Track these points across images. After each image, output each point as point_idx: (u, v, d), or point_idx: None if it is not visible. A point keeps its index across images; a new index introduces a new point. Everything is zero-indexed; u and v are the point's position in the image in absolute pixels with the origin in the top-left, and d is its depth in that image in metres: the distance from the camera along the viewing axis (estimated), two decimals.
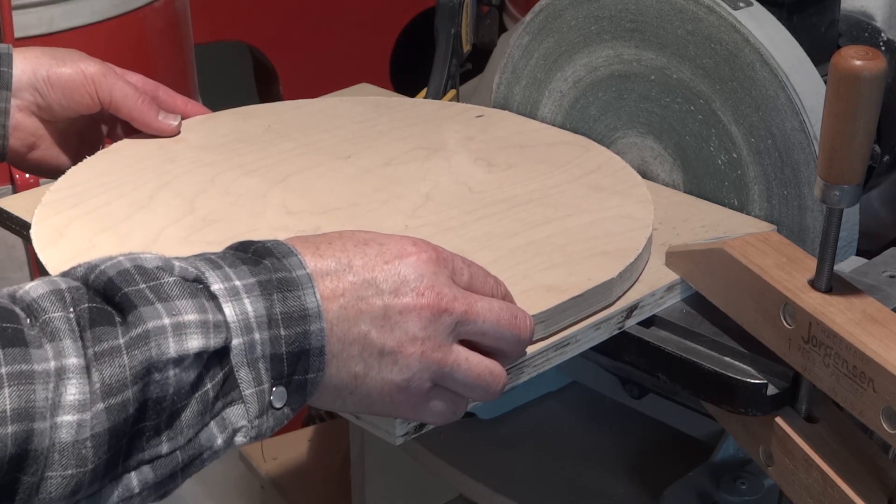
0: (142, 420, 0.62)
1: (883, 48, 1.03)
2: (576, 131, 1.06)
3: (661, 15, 0.97)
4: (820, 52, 0.95)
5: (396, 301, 0.70)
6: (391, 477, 1.25)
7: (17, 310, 0.62)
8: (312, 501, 1.63)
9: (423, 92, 1.26)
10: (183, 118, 1.05)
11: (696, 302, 0.88)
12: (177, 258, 0.67)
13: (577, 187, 0.96)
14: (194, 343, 0.63)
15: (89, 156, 1.00)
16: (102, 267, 0.65)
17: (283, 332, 0.67)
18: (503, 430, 1.08)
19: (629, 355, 0.87)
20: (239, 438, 0.67)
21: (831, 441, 0.79)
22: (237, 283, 0.67)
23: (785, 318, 0.78)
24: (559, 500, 1.01)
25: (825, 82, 0.77)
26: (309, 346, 0.67)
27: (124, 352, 0.62)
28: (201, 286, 0.66)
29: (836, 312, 0.75)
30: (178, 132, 1.04)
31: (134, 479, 0.63)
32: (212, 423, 0.66)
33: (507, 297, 0.76)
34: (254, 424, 0.67)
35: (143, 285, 0.64)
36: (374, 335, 0.69)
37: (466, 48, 1.27)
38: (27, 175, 1.51)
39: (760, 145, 0.94)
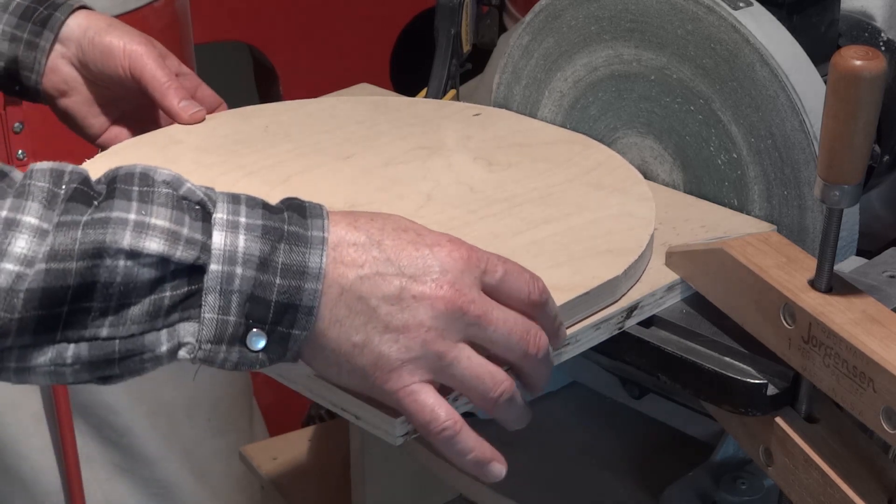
0: (88, 299, 0.67)
1: (883, 48, 1.03)
2: (576, 131, 1.06)
3: (660, 15, 0.97)
4: (820, 52, 0.95)
5: (414, 286, 0.71)
6: (391, 477, 1.25)
7: (14, 173, 0.69)
8: (312, 501, 1.63)
9: (424, 92, 1.26)
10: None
11: (696, 302, 0.88)
12: (201, 187, 0.72)
13: (578, 185, 0.96)
14: (153, 245, 0.68)
15: (132, 132, 1.04)
16: (121, 167, 0.72)
17: (277, 281, 0.70)
18: (503, 430, 1.07)
19: (629, 355, 0.87)
20: (182, 353, 0.71)
21: (831, 441, 0.79)
22: (242, 219, 0.71)
23: (785, 318, 0.78)
24: (559, 500, 1.01)
25: (825, 82, 0.77)
26: (299, 301, 0.70)
27: (80, 228, 0.67)
28: (198, 207, 0.70)
29: (836, 312, 0.75)
30: (200, 119, 1.05)
31: (69, 350, 0.68)
32: (164, 330, 0.70)
33: (543, 292, 0.76)
34: (203, 346, 0.70)
35: (136, 188, 0.70)
36: (383, 311, 0.71)
37: (466, 48, 1.27)
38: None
39: (760, 145, 0.94)
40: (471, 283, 0.72)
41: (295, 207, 0.73)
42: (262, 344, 0.71)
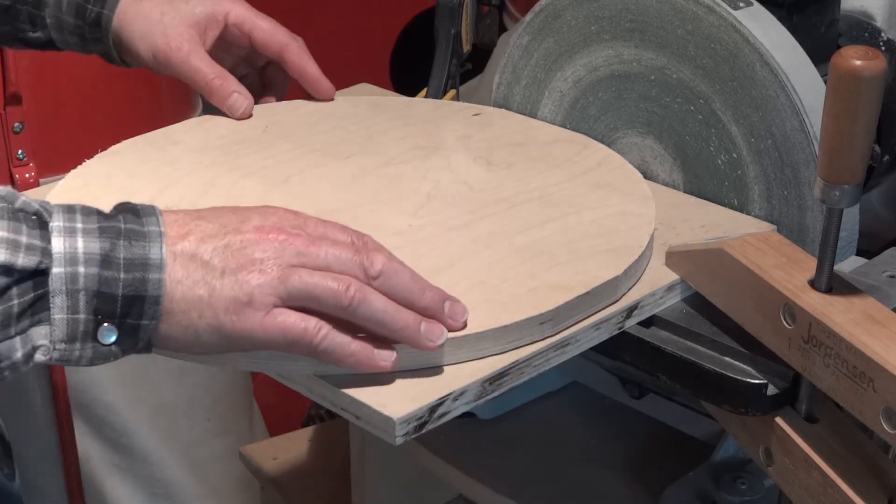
0: None
1: (883, 48, 1.03)
2: (576, 131, 1.06)
3: (661, 15, 0.97)
4: (820, 52, 0.95)
5: (238, 235, 0.76)
6: (391, 477, 1.25)
7: None
8: (312, 501, 1.63)
9: (424, 92, 1.26)
10: (306, 89, 1.09)
11: (696, 302, 0.88)
12: (36, 199, 0.75)
13: (578, 185, 0.96)
14: None
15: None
16: None
17: (121, 276, 0.73)
18: (503, 430, 1.08)
19: (629, 355, 0.87)
20: (39, 356, 0.73)
21: (831, 441, 0.79)
22: (79, 225, 0.74)
23: (785, 318, 0.78)
24: (559, 500, 1.01)
25: (825, 82, 0.77)
26: (145, 292, 0.73)
27: None
28: (34, 218, 0.73)
29: (836, 312, 0.75)
30: (246, 116, 1.06)
31: None
32: (17, 337, 0.72)
33: (361, 236, 0.79)
34: (57, 347, 0.73)
35: None
36: (217, 261, 0.75)
37: (466, 48, 1.26)
38: (27, 175, 1.51)
39: (760, 145, 0.94)
40: (292, 224, 0.77)
41: (128, 209, 0.76)
42: (113, 338, 0.74)
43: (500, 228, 0.90)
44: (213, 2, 1.06)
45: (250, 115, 1.06)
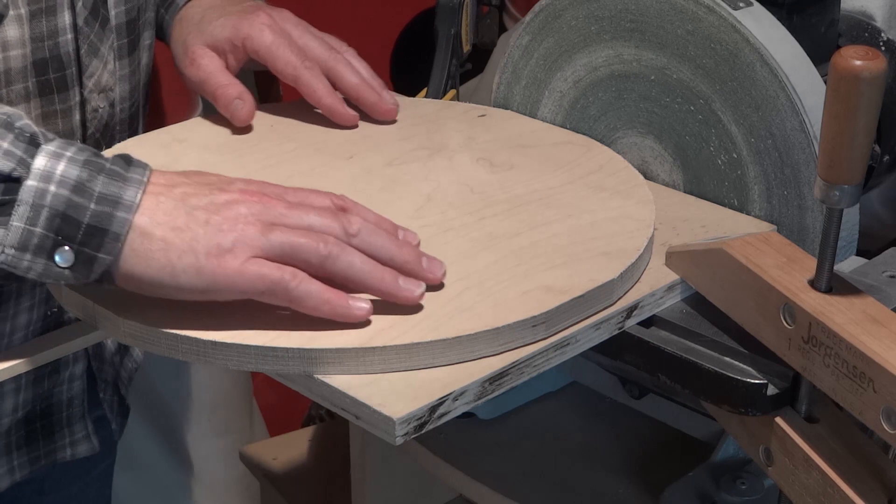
0: None
1: (883, 48, 1.03)
2: (576, 131, 1.06)
3: (661, 15, 0.97)
4: (820, 52, 0.95)
5: (223, 195, 0.80)
6: (391, 477, 1.25)
7: None
8: (312, 501, 1.63)
9: (424, 92, 1.26)
10: (355, 102, 1.07)
11: (696, 302, 0.88)
12: (43, 130, 0.81)
13: (579, 187, 0.96)
14: None
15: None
16: None
17: (91, 206, 0.78)
18: (503, 430, 1.08)
19: (629, 355, 0.87)
20: None
21: (831, 441, 0.79)
22: (68, 153, 0.79)
23: (785, 318, 0.78)
24: (559, 500, 1.01)
25: (825, 82, 0.77)
26: (108, 226, 0.78)
27: None
28: (28, 135, 0.79)
29: (836, 312, 0.75)
30: (247, 122, 1.05)
31: None
32: None
33: (339, 199, 0.84)
34: (6, 251, 0.77)
35: None
36: (201, 213, 0.79)
37: (466, 48, 1.26)
38: None
39: (760, 145, 0.94)
40: (273, 192, 0.82)
41: (123, 157, 0.81)
42: (69, 261, 0.78)
43: (499, 230, 0.90)
44: (233, 26, 1.05)
45: (251, 121, 1.05)
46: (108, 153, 1.00)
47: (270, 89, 2.36)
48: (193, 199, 0.80)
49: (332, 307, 0.78)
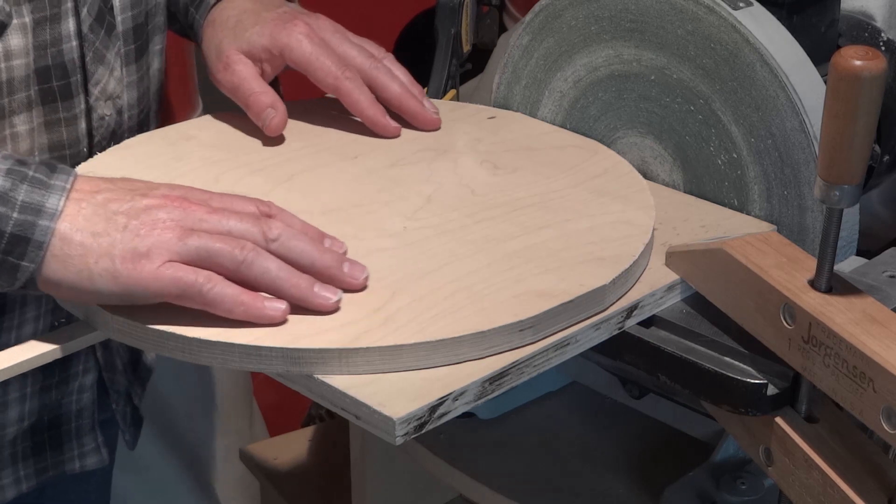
0: None
1: (883, 48, 1.03)
2: (576, 131, 1.06)
3: (661, 15, 0.97)
4: (820, 52, 0.95)
5: (145, 199, 0.82)
6: (391, 477, 1.25)
7: None
8: (312, 501, 1.63)
9: (423, 91, 1.26)
10: (400, 112, 1.06)
11: (696, 302, 0.88)
12: None
13: (581, 191, 0.96)
14: None
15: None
16: None
17: (14, 215, 0.79)
18: (503, 430, 1.08)
19: (629, 355, 0.87)
20: None
21: (831, 441, 0.79)
22: None
23: (785, 318, 0.78)
24: (559, 500, 1.01)
25: (825, 82, 0.77)
26: (31, 235, 0.79)
27: None
28: None
29: (836, 312, 0.75)
30: (278, 131, 1.03)
31: None
32: None
33: (264, 205, 0.85)
34: None
35: None
36: (121, 218, 0.80)
37: (466, 48, 1.26)
38: None
39: (760, 145, 0.94)
40: (197, 197, 0.83)
41: (47, 164, 0.83)
42: None
43: (496, 233, 0.90)
44: (270, 35, 1.04)
45: (282, 131, 1.03)
46: (108, 152, 1.01)
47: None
48: (114, 204, 0.81)
49: (246, 309, 0.79)
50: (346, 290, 0.82)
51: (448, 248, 0.88)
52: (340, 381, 0.77)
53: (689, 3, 0.95)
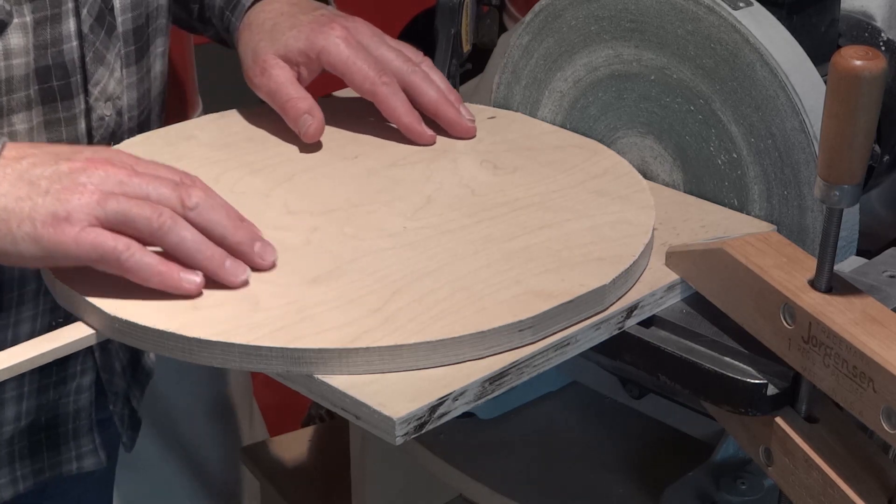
0: None
1: (883, 48, 1.03)
2: (576, 131, 1.06)
3: (661, 15, 0.97)
4: (820, 52, 0.95)
5: (68, 163, 0.82)
6: (391, 477, 1.25)
7: None
8: (312, 501, 1.63)
9: None
10: (433, 118, 1.05)
11: (696, 302, 0.88)
12: None
13: (581, 192, 0.96)
14: None
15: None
16: None
17: None
18: (503, 430, 1.08)
19: (629, 355, 0.87)
20: None
21: (831, 441, 0.79)
22: None
23: (785, 318, 0.78)
24: (559, 500, 1.01)
25: (825, 82, 0.77)
26: None
27: None
28: None
29: (836, 312, 0.75)
30: (315, 138, 1.02)
31: None
32: None
33: (185, 177, 0.85)
34: None
35: None
36: (44, 183, 0.81)
37: (466, 48, 1.26)
38: None
39: (760, 145, 0.94)
40: (121, 160, 0.83)
41: None
42: None
43: (496, 233, 0.90)
44: (307, 38, 1.03)
45: (319, 138, 1.02)
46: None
47: None
48: (38, 168, 0.82)
49: (161, 279, 0.81)
50: (254, 269, 0.84)
51: (448, 248, 0.88)
52: (340, 381, 0.77)
53: (689, 3, 0.95)
